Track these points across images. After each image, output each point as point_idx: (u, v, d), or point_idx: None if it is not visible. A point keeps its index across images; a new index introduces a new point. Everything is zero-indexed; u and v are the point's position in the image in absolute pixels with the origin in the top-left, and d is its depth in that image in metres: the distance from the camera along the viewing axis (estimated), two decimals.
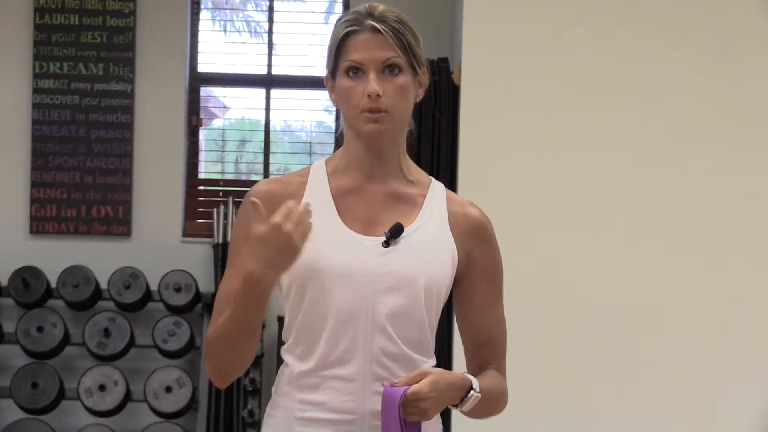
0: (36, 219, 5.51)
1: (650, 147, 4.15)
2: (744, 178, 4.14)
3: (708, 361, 4.11)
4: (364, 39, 1.89)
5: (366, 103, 1.88)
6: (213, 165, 5.95)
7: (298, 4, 5.97)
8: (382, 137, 1.91)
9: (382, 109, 1.88)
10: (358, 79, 1.89)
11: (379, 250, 1.89)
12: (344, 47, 1.90)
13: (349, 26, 1.90)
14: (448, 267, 1.94)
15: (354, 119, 1.91)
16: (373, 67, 1.88)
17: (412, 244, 1.91)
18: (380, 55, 1.88)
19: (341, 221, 1.92)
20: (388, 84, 1.89)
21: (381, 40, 1.88)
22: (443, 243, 1.94)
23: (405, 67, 1.90)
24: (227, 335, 1.85)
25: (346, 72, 1.90)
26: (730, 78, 4.14)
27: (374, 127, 1.89)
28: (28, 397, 5.15)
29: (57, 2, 5.52)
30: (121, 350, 5.24)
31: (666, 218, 4.13)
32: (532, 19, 4.18)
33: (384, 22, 1.89)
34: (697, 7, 4.16)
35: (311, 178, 1.97)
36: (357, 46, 1.89)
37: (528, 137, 4.17)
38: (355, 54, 1.88)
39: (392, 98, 1.89)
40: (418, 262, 1.90)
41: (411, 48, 1.91)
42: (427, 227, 1.94)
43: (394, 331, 1.88)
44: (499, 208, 4.12)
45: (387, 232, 1.90)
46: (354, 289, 1.88)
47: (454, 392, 1.86)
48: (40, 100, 5.52)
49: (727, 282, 4.12)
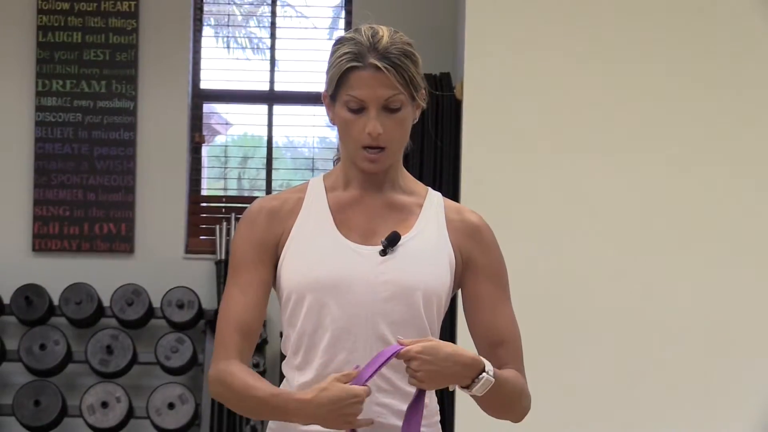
0: (39, 236, 5.51)
1: (652, 158, 4.15)
2: (744, 181, 4.14)
3: (708, 362, 4.10)
4: (367, 76, 1.87)
5: (366, 139, 1.88)
6: (215, 181, 5.95)
7: (300, 21, 5.98)
8: (381, 172, 1.93)
9: (381, 146, 1.89)
10: (359, 114, 1.89)
11: (377, 259, 1.89)
12: (346, 80, 1.89)
13: (351, 60, 1.88)
14: (446, 273, 1.93)
15: (352, 153, 1.92)
16: (374, 105, 1.88)
17: (410, 251, 1.91)
18: (382, 94, 1.87)
19: (338, 232, 1.92)
20: (388, 120, 1.89)
21: (383, 78, 1.87)
22: (441, 249, 1.94)
23: (406, 101, 1.90)
24: (237, 405, 1.90)
25: (346, 104, 1.90)
26: (730, 81, 4.15)
27: (372, 166, 1.91)
28: (31, 414, 5.14)
29: (60, 20, 5.54)
30: (123, 367, 5.23)
31: (666, 222, 4.13)
32: (534, 35, 4.19)
33: (387, 58, 1.87)
34: (696, 19, 4.16)
35: (308, 194, 1.98)
36: (359, 82, 1.87)
37: (530, 152, 4.17)
38: (357, 90, 1.87)
39: (391, 134, 1.89)
40: (415, 269, 1.90)
41: (412, 80, 1.90)
42: (425, 234, 1.94)
43: (394, 339, 1.86)
44: (501, 221, 4.12)
45: (384, 241, 1.90)
46: (352, 298, 1.87)
47: (459, 368, 1.81)
48: (42, 118, 5.53)
49: (727, 283, 4.11)
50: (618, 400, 4.11)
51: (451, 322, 4.39)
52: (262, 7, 6.06)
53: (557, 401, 4.11)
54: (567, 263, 4.14)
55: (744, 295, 4.11)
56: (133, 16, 5.55)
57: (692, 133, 4.16)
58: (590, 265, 4.14)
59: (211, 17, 5.94)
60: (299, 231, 1.93)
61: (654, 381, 4.10)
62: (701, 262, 4.13)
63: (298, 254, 1.91)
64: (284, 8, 5.92)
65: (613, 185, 4.16)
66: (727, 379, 4.09)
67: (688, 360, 4.10)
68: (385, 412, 1.89)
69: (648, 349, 4.10)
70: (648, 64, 4.15)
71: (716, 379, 4.09)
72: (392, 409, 1.89)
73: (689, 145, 4.16)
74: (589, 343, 4.11)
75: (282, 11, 5.89)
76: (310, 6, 5.96)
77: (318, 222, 1.93)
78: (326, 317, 1.88)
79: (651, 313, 4.11)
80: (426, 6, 5.53)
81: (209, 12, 5.90)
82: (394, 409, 1.89)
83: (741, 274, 4.11)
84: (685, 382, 4.09)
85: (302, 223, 1.94)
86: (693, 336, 4.11)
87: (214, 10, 5.94)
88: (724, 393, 4.08)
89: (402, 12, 5.42)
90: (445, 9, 5.39)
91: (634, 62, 4.16)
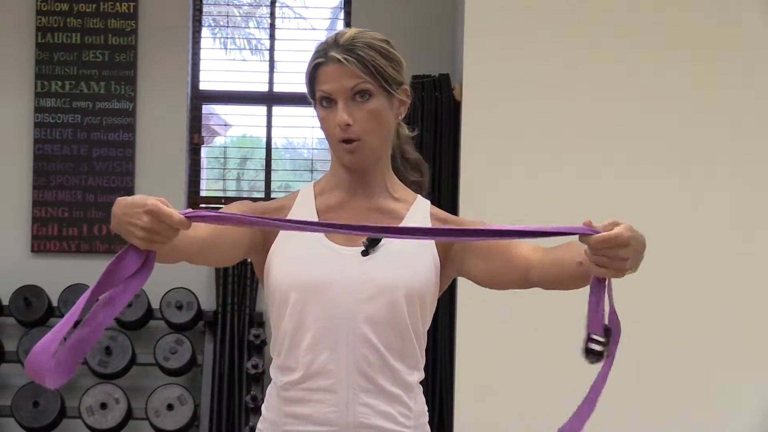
0: (37, 238, 5.51)
1: (651, 159, 4.16)
2: (744, 181, 4.14)
3: (708, 362, 4.10)
4: (330, 70, 1.92)
5: (339, 133, 1.92)
6: (214, 183, 5.95)
7: (299, 22, 5.99)
8: (362, 165, 1.95)
9: (353, 138, 1.91)
10: (331, 109, 1.93)
11: (358, 259, 1.91)
12: (315, 78, 1.95)
13: (316, 58, 1.95)
14: (429, 273, 1.94)
15: (333, 149, 1.96)
16: (342, 96, 1.91)
17: (392, 252, 1.92)
18: (346, 84, 1.91)
19: (323, 234, 1.94)
20: (358, 111, 1.91)
21: (345, 69, 1.91)
22: (424, 250, 1.95)
23: (375, 91, 1.92)
24: None
25: (320, 102, 1.94)
26: (730, 81, 4.15)
27: (352, 158, 1.93)
28: (30, 416, 5.13)
29: (59, 21, 5.54)
30: (122, 368, 5.23)
31: (666, 223, 4.13)
32: (533, 36, 4.19)
33: (349, 50, 1.91)
34: (696, 21, 4.17)
35: (298, 199, 2.01)
36: (325, 77, 1.92)
37: (529, 153, 4.17)
38: (324, 85, 1.92)
39: (363, 125, 1.92)
40: (397, 269, 1.91)
41: (380, 71, 1.92)
42: None
43: (376, 339, 1.89)
44: (500, 222, 4.14)
45: (365, 241, 1.92)
46: (333, 298, 1.89)
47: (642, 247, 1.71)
48: (41, 119, 5.53)
49: (727, 283, 4.12)
50: (618, 400, 4.11)
51: (450, 320, 4.39)
52: (260, 8, 6.06)
53: (557, 401, 4.11)
54: None
55: (744, 295, 4.12)
56: (132, 17, 5.55)
57: (691, 134, 4.16)
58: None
59: (210, 18, 5.94)
60: (286, 235, 1.95)
61: (654, 381, 4.10)
62: (701, 262, 4.13)
63: (283, 256, 1.93)
64: (283, 9, 5.92)
65: (611, 186, 4.16)
66: (727, 379, 4.09)
67: (688, 360, 4.10)
68: (368, 412, 1.90)
69: (648, 349, 4.10)
70: (646, 66, 4.16)
71: (716, 379, 4.10)
72: (376, 409, 1.91)
73: (688, 146, 4.16)
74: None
75: (281, 12, 5.89)
76: (308, 7, 5.96)
77: None
78: (307, 317, 1.90)
79: (651, 313, 4.11)
80: (424, 7, 5.52)
81: (208, 13, 5.90)
82: (377, 410, 1.91)
83: (741, 274, 4.12)
84: (685, 382, 4.10)
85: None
86: (693, 336, 4.11)
87: (213, 11, 5.94)
88: (724, 393, 4.08)
89: (400, 14, 5.42)
90: (444, 10, 5.39)
91: (632, 64, 4.16)
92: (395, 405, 1.92)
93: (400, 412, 1.93)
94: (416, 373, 1.96)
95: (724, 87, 4.16)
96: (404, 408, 1.93)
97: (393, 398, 1.92)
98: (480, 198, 4.17)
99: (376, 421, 1.90)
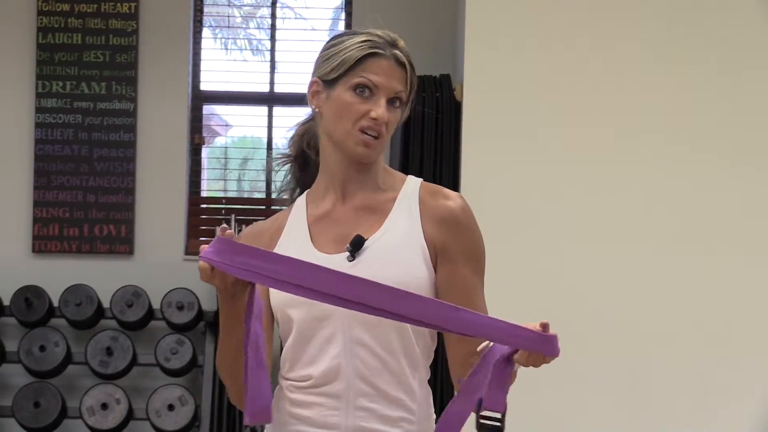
0: (38, 238, 5.51)
1: (652, 158, 4.15)
2: (745, 181, 4.14)
3: (708, 362, 4.10)
4: (386, 65, 1.92)
5: (367, 122, 1.91)
6: (215, 183, 5.95)
7: (300, 22, 5.98)
8: (369, 160, 1.96)
9: (380, 134, 1.92)
10: (365, 99, 1.92)
11: (345, 265, 1.90)
12: (362, 65, 1.92)
13: (373, 47, 1.93)
14: (419, 266, 1.92)
15: (345, 134, 1.93)
16: (385, 94, 1.92)
17: (378, 251, 1.91)
18: (395, 87, 1.93)
19: (312, 246, 1.95)
20: (391, 114, 1.93)
21: (400, 73, 1.93)
22: (412, 242, 1.93)
23: (405, 104, 1.97)
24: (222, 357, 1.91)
25: (354, 88, 1.92)
26: (733, 80, 4.15)
27: (365, 152, 1.93)
28: (30, 416, 5.13)
29: (60, 21, 5.54)
30: (123, 369, 5.23)
31: (666, 222, 4.13)
32: (534, 36, 4.19)
33: (406, 56, 1.95)
34: (697, 20, 4.17)
35: (292, 213, 2.03)
36: (377, 69, 1.92)
37: (530, 153, 4.17)
38: (373, 76, 1.91)
39: (389, 126, 1.94)
40: (385, 268, 1.89)
41: (413, 88, 1.97)
42: (394, 230, 1.94)
43: (374, 342, 1.89)
44: (500, 222, 4.14)
45: (348, 246, 1.91)
46: (326, 307, 1.87)
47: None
48: (42, 120, 5.53)
49: (727, 283, 4.11)
50: (618, 400, 4.11)
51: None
52: (261, 8, 6.05)
53: (557, 401, 4.11)
54: (566, 263, 4.14)
55: (744, 295, 4.11)
56: (133, 18, 5.55)
57: (693, 133, 4.16)
58: (590, 264, 4.14)
59: (210, 19, 5.94)
60: (279, 251, 1.96)
61: (654, 381, 4.10)
62: (701, 262, 4.13)
63: None
64: (284, 10, 5.92)
65: (613, 186, 4.16)
66: (727, 379, 4.09)
67: (688, 360, 4.10)
68: (368, 416, 1.90)
69: (648, 350, 4.10)
70: (648, 64, 4.15)
71: (716, 379, 4.09)
72: (376, 413, 1.91)
73: (690, 145, 4.16)
74: (589, 343, 4.11)
75: (281, 13, 5.89)
76: (309, 8, 5.96)
77: (296, 239, 1.97)
78: (307, 329, 1.92)
79: (651, 312, 4.11)
80: (426, 7, 5.52)
81: (209, 14, 5.90)
82: (377, 414, 1.91)
83: (741, 275, 4.11)
84: (685, 382, 4.09)
85: (282, 243, 1.99)
86: (693, 336, 4.11)
87: (214, 11, 5.94)
88: (724, 393, 4.08)
89: (402, 13, 5.42)
90: (445, 11, 5.38)
91: (634, 62, 4.16)
92: (396, 409, 1.92)
93: (401, 416, 1.92)
94: (420, 372, 1.95)
95: (726, 86, 4.15)
96: (406, 412, 1.93)
97: (394, 402, 1.91)
98: (480, 198, 4.16)
99: (376, 424, 1.90)
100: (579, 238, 4.15)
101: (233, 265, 1.69)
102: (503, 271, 3.81)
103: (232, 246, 1.70)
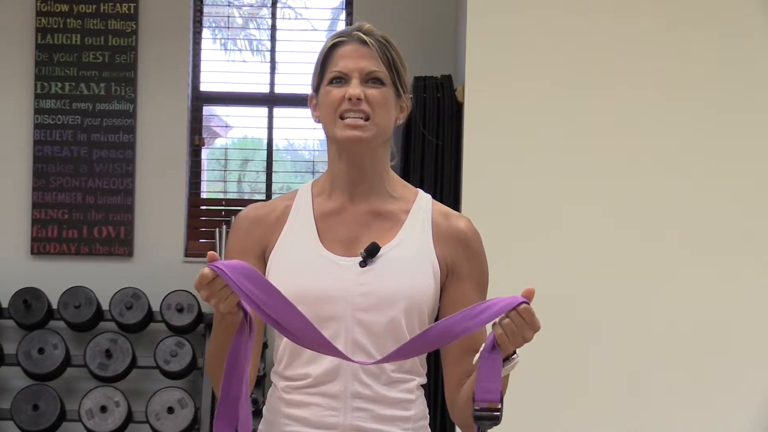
0: (37, 240, 5.49)
1: (652, 160, 4.15)
2: (745, 182, 4.14)
3: (708, 362, 4.09)
4: (350, 49, 1.90)
5: (345, 105, 1.88)
6: (215, 184, 5.93)
7: (300, 23, 5.97)
8: (361, 145, 1.90)
9: (363, 111, 1.88)
10: (341, 86, 1.90)
11: (356, 270, 1.88)
12: (330, 59, 1.92)
13: (336, 38, 1.92)
14: (429, 282, 1.91)
15: (331, 125, 1.91)
16: (357, 76, 1.89)
17: (390, 262, 1.89)
18: (365, 65, 1.90)
19: (320, 244, 1.92)
20: (371, 90, 1.89)
21: (367, 51, 1.90)
22: (424, 258, 1.92)
23: (388, 84, 1.91)
24: (210, 361, 1.89)
25: (330, 82, 1.91)
26: (732, 85, 4.15)
27: (353, 133, 1.88)
28: (29, 419, 5.11)
29: (59, 22, 5.52)
30: (122, 371, 5.21)
31: (667, 223, 4.13)
32: (535, 37, 4.17)
33: (370, 35, 1.91)
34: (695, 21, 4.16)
35: (296, 202, 1.97)
36: (343, 55, 1.90)
37: (532, 155, 4.16)
38: (341, 63, 1.90)
39: (374, 105, 1.89)
40: (396, 279, 1.88)
41: (395, 66, 1.92)
42: (407, 243, 1.92)
43: (374, 349, 1.88)
44: (502, 224, 4.13)
45: (362, 252, 1.89)
46: (331, 309, 1.87)
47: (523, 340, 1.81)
48: (41, 121, 5.51)
49: (727, 283, 4.10)
50: (618, 400, 4.10)
51: None
52: (261, 9, 6.04)
53: (557, 401, 4.10)
54: (567, 264, 4.13)
55: (744, 295, 4.11)
56: (133, 18, 5.53)
57: (693, 135, 4.16)
58: (591, 265, 4.13)
59: (210, 19, 5.92)
60: (284, 242, 1.93)
61: (654, 381, 4.09)
62: (701, 262, 4.12)
63: (281, 267, 1.92)
64: (284, 10, 5.90)
65: (613, 186, 4.15)
66: (727, 379, 4.08)
67: (688, 360, 4.09)
68: (365, 417, 1.89)
69: (648, 350, 4.10)
70: (649, 66, 4.15)
71: (716, 379, 4.09)
72: (373, 414, 1.90)
73: (690, 147, 4.16)
74: (590, 343, 4.11)
75: (281, 13, 5.87)
76: (309, 8, 5.94)
77: (301, 233, 1.93)
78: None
79: (651, 312, 4.11)
80: (427, 8, 5.51)
81: (209, 14, 5.88)
82: (374, 414, 1.90)
83: (741, 275, 4.11)
84: (685, 382, 4.09)
85: (287, 234, 1.94)
86: (693, 336, 4.11)
87: (214, 12, 5.92)
88: (724, 393, 4.08)
89: (402, 14, 5.40)
90: (446, 11, 5.37)
91: (634, 63, 4.15)
92: (393, 410, 1.91)
93: (399, 416, 1.92)
94: (417, 379, 1.95)
95: (727, 90, 4.15)
96: (403, 412, 1.92)
97: (391, 403, 1.91)
98: (482, 199, 4.15)
99: (372, 425, 1.89)
100: (580, 238, 4.14)
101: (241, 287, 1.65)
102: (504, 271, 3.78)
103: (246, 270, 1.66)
